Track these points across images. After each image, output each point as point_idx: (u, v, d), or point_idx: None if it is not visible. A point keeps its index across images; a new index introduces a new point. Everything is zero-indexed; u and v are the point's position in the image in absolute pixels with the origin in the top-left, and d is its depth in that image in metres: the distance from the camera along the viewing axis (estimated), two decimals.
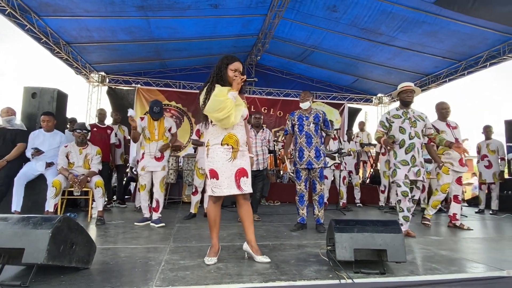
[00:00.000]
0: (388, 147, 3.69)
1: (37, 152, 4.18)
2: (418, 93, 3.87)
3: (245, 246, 2.55)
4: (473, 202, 7.73)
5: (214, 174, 2.47)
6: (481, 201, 6.23)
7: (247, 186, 2.50)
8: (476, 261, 2.62)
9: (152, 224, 4.03)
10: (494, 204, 6.09)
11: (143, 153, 4.16)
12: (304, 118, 4.00)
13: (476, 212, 6.14)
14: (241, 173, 2.49)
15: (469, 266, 2.47)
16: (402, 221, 3.59)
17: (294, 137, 4.10)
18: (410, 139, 3.63)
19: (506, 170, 6.50)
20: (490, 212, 6.02)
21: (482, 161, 6.10)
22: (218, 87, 2.43)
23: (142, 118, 4.22)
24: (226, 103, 2.34)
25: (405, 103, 3.77)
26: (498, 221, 5.16)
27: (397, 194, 3.65)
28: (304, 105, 4.01)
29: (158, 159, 4.17)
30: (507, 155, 6.12)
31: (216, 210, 2.55)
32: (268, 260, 2.42)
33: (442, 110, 4.41)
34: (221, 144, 2.47)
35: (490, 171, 6.04)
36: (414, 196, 3.76)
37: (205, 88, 2.50)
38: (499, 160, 6.02)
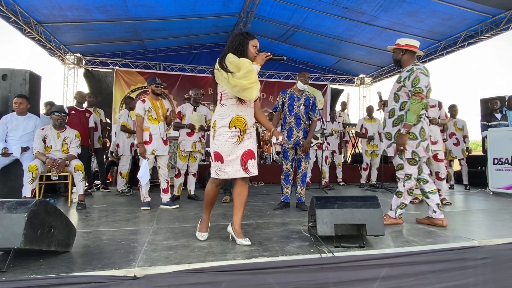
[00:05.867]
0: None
1: (7, 154, 4.03)
2: (399, 45, 3.12)
3: (229, 228, 2.54)
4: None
5: (219, 157, 2.41)
6: (451, 177, 6.50)
7: (254, 168, 2.46)
8: (450, 233, 2.74)
9: (165, 206, 4.02)
10: (466, 180, 6.41)
11: (151, 135, 3.99)
12: (295, 99, 3.97)
13: (449, 188, 6.41)
14: (248, 155, 2.43)
15: (443, 238, 2.58)
16: None
17: (283, 116, 4.07)
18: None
19: (480, 147, 6.78)
20: (467, 187, 6.29)
21: (451, 138, 6.36)
22: (241, 59, 2.33)
23: (143, 101, 4.05)
24: (253, 72, 2.28)
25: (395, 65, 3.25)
26: (472, 196, 5.39)
27: None
28: (303, 86, 3.99)
29: (165, 141, 4.13)
30: (481, 133, 6.34)
31: (216, 192, 2.57)
32: (248, 242, 2.37)
33: None
34: (229, 127, 2.39)
35: (458, 148, 6.33)
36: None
37: (220, 59, 2.39)
38: (463, 137, 6.34)
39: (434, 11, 6.44)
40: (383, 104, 3.43)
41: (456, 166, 6.82)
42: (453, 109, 6.43)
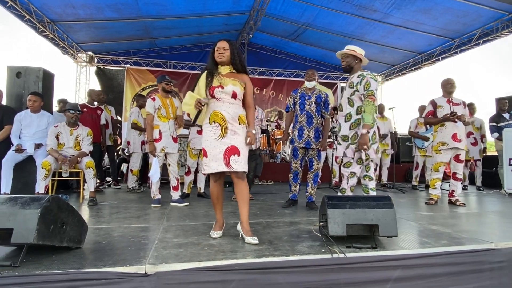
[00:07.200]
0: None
1: (21, 150, 4.10)
2: (355, 52, 3.27)
3: (239, 227, 2.54)
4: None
5: (204, 153, 2.56)
6: (465, 178, 6.35)
7: (237, 164, 2.47)
8: (466, 235, 2.67)
9: (175, 204, 4.04)
10: (479, 181, 6.25)
11: (160, 133, 4.01)
12: (306, 97, 3.94)
13: (462, 189, 6.26)
14: (231, 151, 2.47)
15: (458, 239, 2.52)
16: None
17: (294, 115, 4.04)
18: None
19: (493, 148, 6.61)
20: (481, 188, 6.13)
21: (468, 138, 6.16)
22: (191, 92, 2.60)
23: (153, 99, 4.07)
24: (192, 110, 2.54)
25: (343, 70, 3.43)
26: (487, 197, 5.27)
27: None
28: (310, 84, 3.95)
29: (175, 139, 4.15)
30: (492, 134, 6.15)
31: (218, 188, 2.61)
32: (256, 241, 2.34)
33: (447, 85, 4.38)
34: (209, 123, 2.54)
35: (476, 148, 6.15)
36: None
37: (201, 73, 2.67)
38: (481, 137, 6.18)
39: (448, 8, 6.31)
40: (333, 109, 3.67)
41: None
42: (470, 108, 6.25)
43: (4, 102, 4.48)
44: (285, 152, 7.93)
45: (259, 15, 7.52)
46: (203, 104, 2.46)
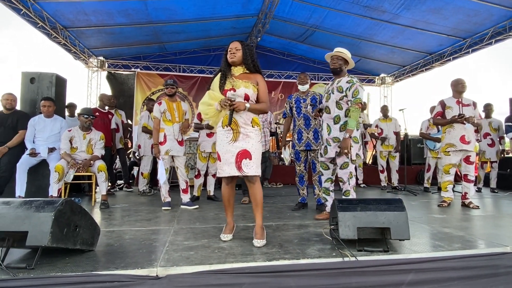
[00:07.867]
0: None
1: (34, 154, 4.19)
2: (346, 56, 3.37)
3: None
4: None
5: (218, 157, 2.58)
6: (480, 180, 6.22)
7: (249, 168, 2.47)
8: (480, 238, 2.62)
9: (185, 206, 4.08)
10: (494, 183, 6.12)
11: (165, 136, 4.06)
12: (301, 101, 4.00)
13: (476, 191, 6.14)
14: (243, 155, 2.47)
15: (472, 243, 2.47)
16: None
17: (292, 119, 4.11)
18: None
19: (507, 148, 6.48)
20: (496, 190, 6.00)
21: (485, 139, 6.04)
22: (212, 91, 2.57)
23: (160, 103, 4.13)
24: (210, 110, 2.54)
25: (332, 71, 3.46)
26: (501, 199, 5.16)
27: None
28: (304, 88, 4.01)
29: (180, 142, 4.17)
30: (507, 135, 6.01)
31: (229, 191, 2.63)
32: (259, 245, 2.36)
33: (457, 86, 4.31)
34: (222, 127, 2.53)
35: (493, 149, 6.01)
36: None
37: (215, 74, 2.67)
38: (499, 139, 6.04)
39: (459, 7, 6.22)
40: (319, 112, 3.62)
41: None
42: (487, 108, 6.14)
43: (18, 107, 4.59)
44: (282, 156, 7.90)
45: (267, 18, 7.54)
46: (232, 100, 2.43)
